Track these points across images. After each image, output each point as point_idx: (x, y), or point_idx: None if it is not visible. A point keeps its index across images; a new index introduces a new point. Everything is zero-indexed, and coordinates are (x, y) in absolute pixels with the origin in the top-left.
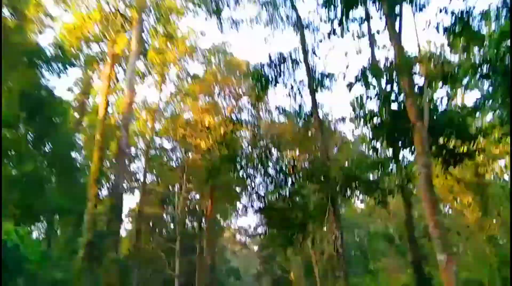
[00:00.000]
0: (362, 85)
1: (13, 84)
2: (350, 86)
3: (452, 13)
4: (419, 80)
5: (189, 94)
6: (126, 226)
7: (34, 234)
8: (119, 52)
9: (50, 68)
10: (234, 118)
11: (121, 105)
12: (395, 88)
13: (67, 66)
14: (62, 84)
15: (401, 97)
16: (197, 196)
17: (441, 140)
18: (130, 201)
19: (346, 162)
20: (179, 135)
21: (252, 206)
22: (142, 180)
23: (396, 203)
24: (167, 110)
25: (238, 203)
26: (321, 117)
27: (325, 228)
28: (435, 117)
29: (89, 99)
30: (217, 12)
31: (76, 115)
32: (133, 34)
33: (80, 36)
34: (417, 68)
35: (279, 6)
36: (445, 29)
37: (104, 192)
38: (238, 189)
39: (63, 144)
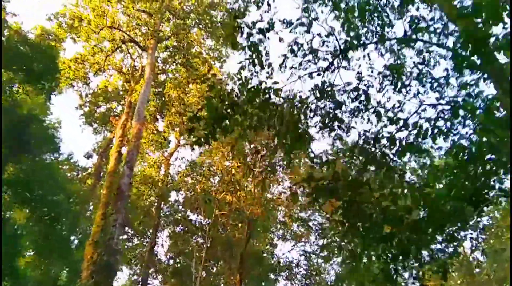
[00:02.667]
0: None
1: None
2: None
3: None
4: None
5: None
6: None
7: None
8: (136, 98)
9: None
10: None
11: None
12: None
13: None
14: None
15: None
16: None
17: None
18: None
19: None
20: (200, 187)
21: None
22: (148, 242)
23: None
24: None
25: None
26: None
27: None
28: None
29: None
30: None
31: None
32: (146, 61)
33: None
34: None
35: None
36: None
37: None
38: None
39: (53, 192)
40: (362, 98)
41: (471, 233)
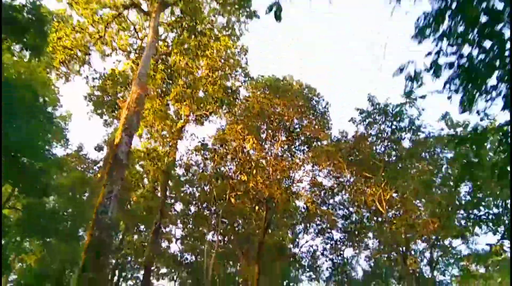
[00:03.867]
0: None
1: None
2: None
3: None
4: None
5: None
6: None
7: None
8: None
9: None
10: None
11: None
12: None
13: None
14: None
15: None
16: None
17: None
18: None
19: None
20: (212, 166)
21: None
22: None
23: None
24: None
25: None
26: None
27: None
28: None
29: None
30: None
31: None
32: (149, 24)
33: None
34: None
35: None
36: None
37: None
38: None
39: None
40: None
41: None
